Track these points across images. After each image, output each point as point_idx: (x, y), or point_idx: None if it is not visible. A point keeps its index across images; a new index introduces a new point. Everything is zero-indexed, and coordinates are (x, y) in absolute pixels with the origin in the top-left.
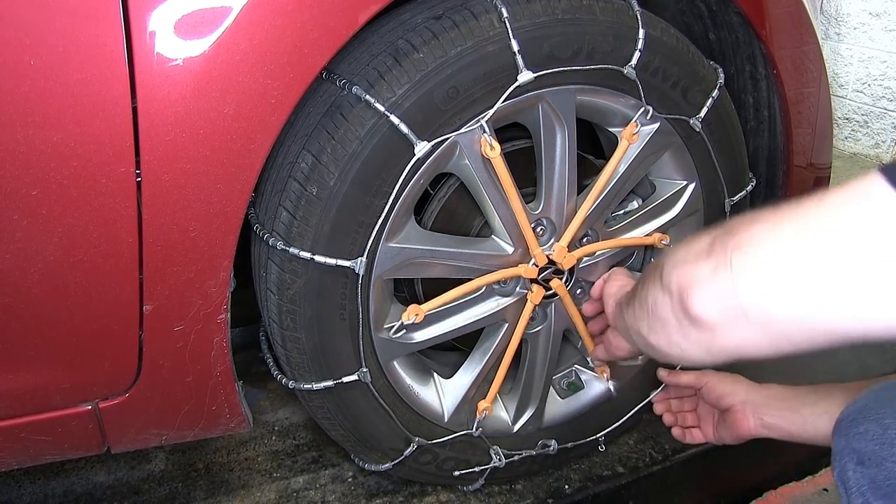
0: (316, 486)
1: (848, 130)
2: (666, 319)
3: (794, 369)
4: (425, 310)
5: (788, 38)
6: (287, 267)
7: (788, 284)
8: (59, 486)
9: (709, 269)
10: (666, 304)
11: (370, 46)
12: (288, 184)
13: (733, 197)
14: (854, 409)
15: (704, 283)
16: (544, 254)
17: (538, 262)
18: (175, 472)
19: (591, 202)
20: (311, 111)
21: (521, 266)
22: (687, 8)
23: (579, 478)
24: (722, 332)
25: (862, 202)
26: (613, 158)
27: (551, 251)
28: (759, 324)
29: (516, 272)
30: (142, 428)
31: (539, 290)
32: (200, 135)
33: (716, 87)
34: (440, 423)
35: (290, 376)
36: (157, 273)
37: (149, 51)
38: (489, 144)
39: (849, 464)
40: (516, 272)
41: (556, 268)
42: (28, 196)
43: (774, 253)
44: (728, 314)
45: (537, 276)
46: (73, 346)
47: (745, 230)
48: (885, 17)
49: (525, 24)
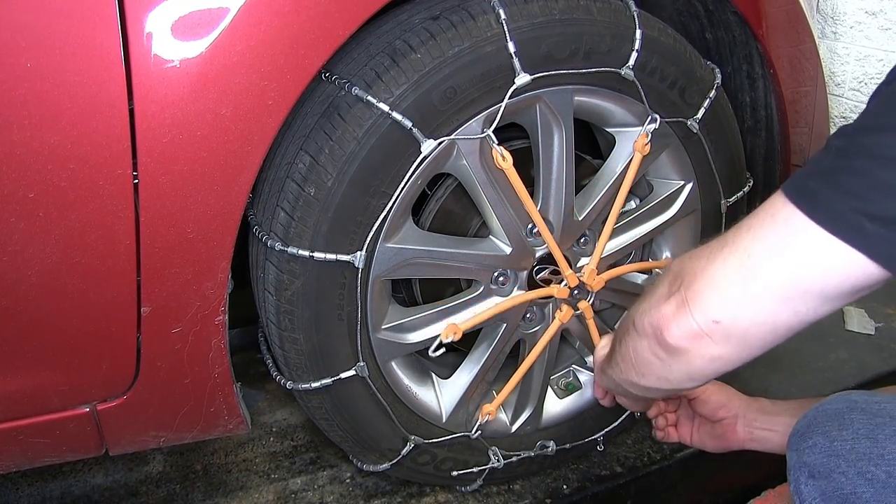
0: (314, 487)
1: None
2: (649, 360)
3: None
4: (462, 328)
5: (785, 37)
6: (285, 268)
7: (730, 302)
8: (56, 488)
9: (671, 309)
10: (645, 347)
11: (368, 47)
12: (286, 185)
13: (730, 197)
14: (803, 424)
15: (671, 320)
16: (576, 276)
17: (570, 284)
18: (173, 473)
19: (613, 220)
20: (309, 112)
21: (553, 287)
22: (684, 8)
23: (577, 478)
24: (695, 355)
25: (766, 220)
26: (630, 171)
27: (582, 274)
28: (718, 339)
29: (549, 292)
30: (140, 430)
31: (568, 311)
32: (198, 136)
33: (713, 87)
34: (438, 423)
35: (288, 377)
36: (154, 275)
37: (146, 52)
38: (501, 155)
39: (801, 477)
40: (549, 292)
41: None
42: (25, 198)
43: (712, 281)
44: (695, 339)
45: (568, 297)
46: (70, 348)
47: (689, 271)
48: (882, 16)
49: (522, 24)
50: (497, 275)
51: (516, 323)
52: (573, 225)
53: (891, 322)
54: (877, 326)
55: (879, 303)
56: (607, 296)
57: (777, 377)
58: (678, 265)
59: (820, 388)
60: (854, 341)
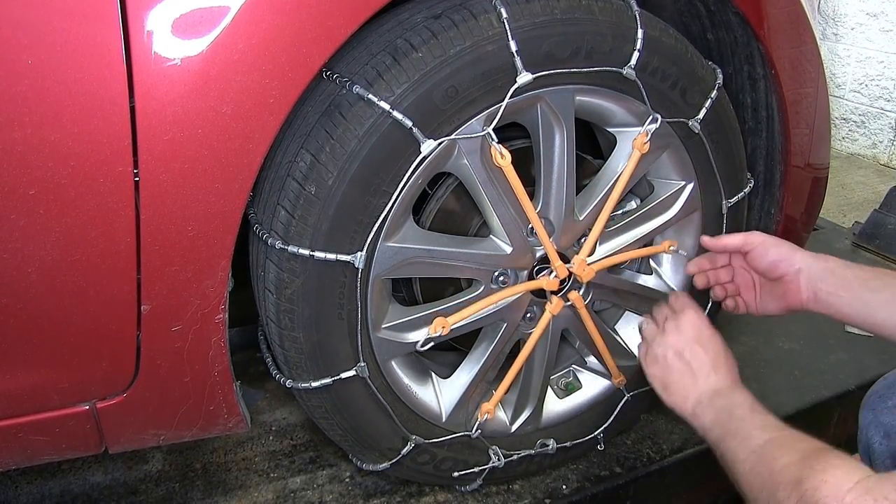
0: (313, 486)
1: (845, 130)
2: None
3: (791, 368)
4: (451, 323)
5: (786, 38)
6: (285, 266)
7: None
8: (55, 486)
9: None
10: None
11: (369, 46)
12: (286, 183)
13: (731, 197)
14: (884, 385)
15: None
16: (566, 267)
17: (559, 275)
18: (172, 472)
19: (607, 215)
20: (310, 110)
21: (542, 279)
22: (685, 8)
23: (577, 478)
24: None
25: None
26: (627, 169)
27: (572, 264)
28: None
29: (538, 285)
30: (139, 428)
31: (559, 302)
32: (199, 134)
33: (714, 87)
34: (438, 422)
35: (288, 376)
36: (154, 273)
37: (147, 50)
38: (500, 153)
39: (875, 437)
40: (538, 285)
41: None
42: (26, 196)
43: None
44: None
45: (558, 289)
46: (70, 345)
47: None
48: (883, 18)
49: (524, 23)
50: (497, 274)
51: (516, 322)
52: (574, 225)
53: None
54: None
55: None
56: (606, 295)
57: (776, 379)
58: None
59: (820, 390)
60: (854, 343)
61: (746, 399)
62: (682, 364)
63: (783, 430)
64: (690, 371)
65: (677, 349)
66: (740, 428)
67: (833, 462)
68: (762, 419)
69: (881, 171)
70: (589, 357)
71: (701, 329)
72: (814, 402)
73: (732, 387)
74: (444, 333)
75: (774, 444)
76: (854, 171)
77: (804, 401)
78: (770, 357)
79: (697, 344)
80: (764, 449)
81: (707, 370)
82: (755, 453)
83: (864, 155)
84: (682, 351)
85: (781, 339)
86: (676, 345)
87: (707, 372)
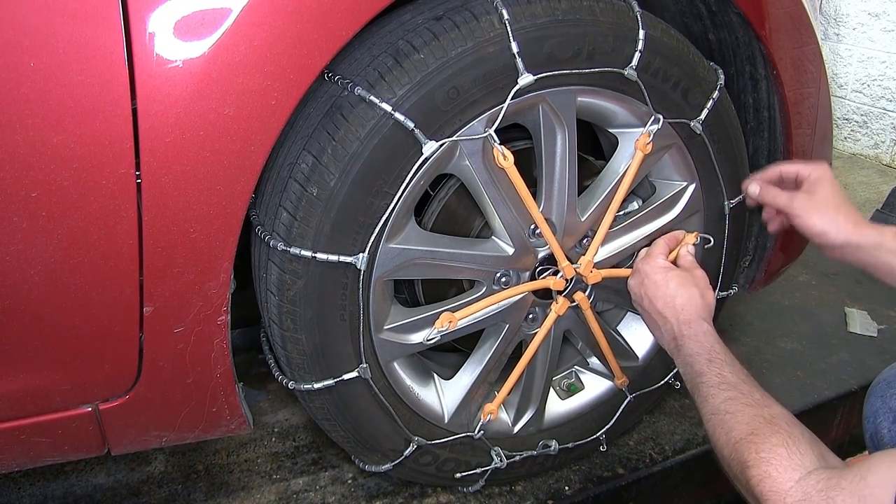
0: (316, 487)
1: (847, 131)
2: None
3: (793, 368)
4: (458, 317)
5: (788, 38)
6: (287, 268)
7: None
8: (58, 487)
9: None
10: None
11: (371, 47)
12: (288, 185)
13: (734, 198)
14: (891, 374)
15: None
16: (573, 267)
17: (566, 275)
18: (175, 473)
19: (612, 216)
20: (312, 112)
21: (549, 278)
22: (686, 8)
23: (579, 479)
24: None
25: None
26: (630, 169)
27: (578, 265)
28: None
29: (545, 284)
30: (142, 429)
31: (565, 302)
32: (200, 136)
33: (716, 88)
34: (440, 424)
35: (290, 377)
36: (157, 275)
37: (149, 52)
38: (502, 154)
39: (884, 422)
40: (545, 284)
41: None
42: (28, 197)
43: None
44: None
45: (564, 289)
46: (73, 347)
47: None
48: (885, 18)
49: (525, 24)
50: (499, 275)
51: (518, 323)
52: (576, 225)
53: (893, 324)
54: (879, 328)
55: (882, 305)
56: (609, 296)
57: (779, 378)
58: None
59: (822, 390)
60: (856, 343)
61: (702, 346)
62: (653, 313)
63: (737, 387)
64: (658, 321)
65: (638, 300)
66: (699, 386)
67: (777, 451)
68: (718, 372)
69: (883, 172)
70: (591, 358)
71: (650, 273)
72: (816, 402)
73: (690, 330)
74: (451, 328)
75: (729, 410)
76: (856, 172)
77: (807, 401)
78: (772, 357)
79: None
80: (719, 415)
81: (664, 318)
82: (714, 415)
83: (867, 155)
84: (640, 300)
85: (783, 340)
86: (639, 298)
87: (664, 319)
